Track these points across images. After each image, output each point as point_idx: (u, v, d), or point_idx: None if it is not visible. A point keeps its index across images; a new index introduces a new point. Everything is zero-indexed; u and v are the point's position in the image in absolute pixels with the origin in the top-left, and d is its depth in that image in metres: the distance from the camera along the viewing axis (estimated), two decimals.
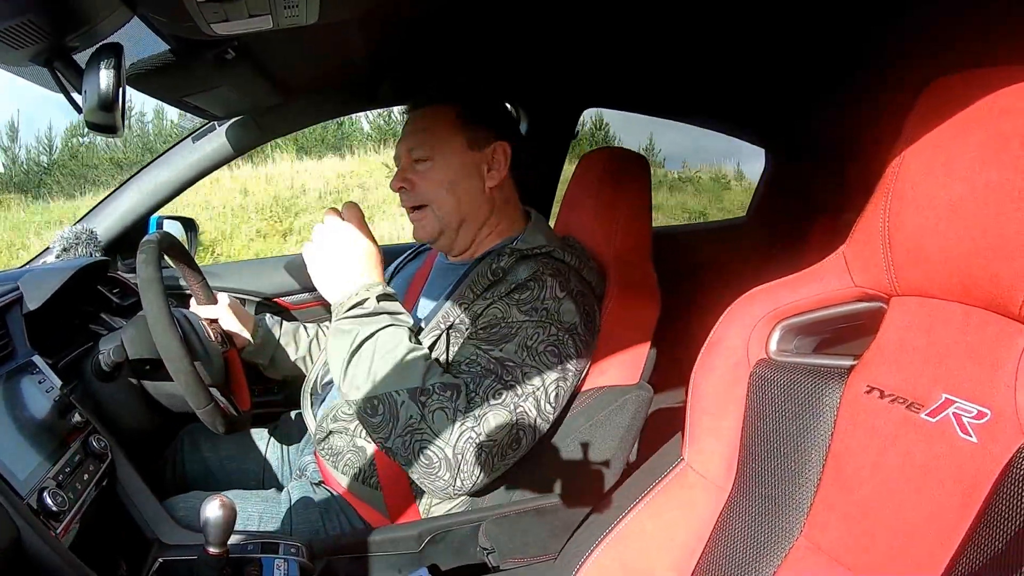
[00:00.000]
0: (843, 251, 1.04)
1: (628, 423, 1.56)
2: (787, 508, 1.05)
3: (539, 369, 1.33)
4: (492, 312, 1.37)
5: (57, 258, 1.97)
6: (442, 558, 1.43)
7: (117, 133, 1.00)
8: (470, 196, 1.53)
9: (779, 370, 1.10)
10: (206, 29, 1.09)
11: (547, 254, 1.47)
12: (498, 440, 1.28)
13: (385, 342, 1.30)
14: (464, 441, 1.25)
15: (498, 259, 1.44)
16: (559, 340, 1.36)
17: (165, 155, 2.15)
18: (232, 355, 1.73)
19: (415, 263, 1.82)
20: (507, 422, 1.29)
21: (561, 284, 1.39)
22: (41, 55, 0.99)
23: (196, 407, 1.35)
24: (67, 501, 1.14)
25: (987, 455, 0.81)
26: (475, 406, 1.27)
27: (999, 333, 0.83)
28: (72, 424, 1.31)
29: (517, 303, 1.36)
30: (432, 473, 1.26)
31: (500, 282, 1.41)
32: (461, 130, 1.51)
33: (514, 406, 1.30)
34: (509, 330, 1.34)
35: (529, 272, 1.39)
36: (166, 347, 1.30)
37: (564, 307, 1.38)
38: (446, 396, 1.26)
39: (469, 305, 1.41)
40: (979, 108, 0.83)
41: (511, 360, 1.32)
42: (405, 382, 1.27)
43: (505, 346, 1.33)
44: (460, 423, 1.25)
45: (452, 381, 1.29)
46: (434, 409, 1.25)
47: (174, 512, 1.40)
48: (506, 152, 1.54)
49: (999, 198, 0.79)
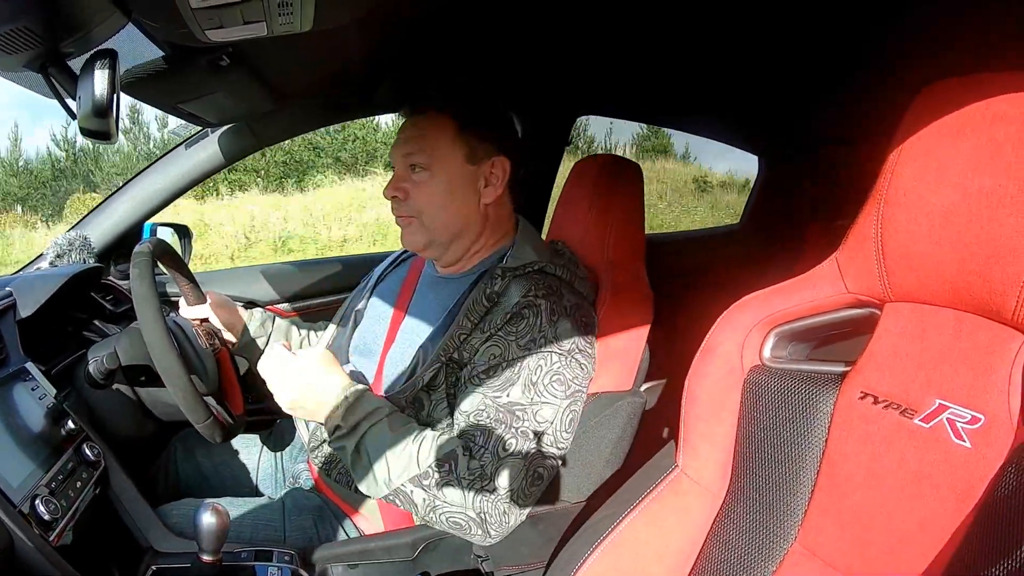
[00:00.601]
0: (836, 257, 1.04)
1: (621, 429, 1.56)
2: (782, 514, 1.05)
3: (549, 403, 1.33)
4: (491, 351, 1.36)
5: (51, 265, 1.97)
6: (436, 565, 1.43)
7: (111, 139, 1.00)
8: (464, 211, 1.49)
9: (773, 376, 1.10)
10: (200, 36, 1.09)
11: (539, 271, 1.45)
12: (515, 487, 1.29)
13: (373, 448, 1.31)
14: (480, 501, 1.27)
15: (491, 283, 1.41)
16: (563, 365, 1.36)
17: (158, 162, 2.15)
18: (223, 356, 1.73)
19: (401, 270, 1.79)
20: (520, 468, 1.29)
21: (554, 305, 1.38)
22: (35, 61, 0.99)
23: (196, 423, 1.34)
24: (60, 508, 1.14)
25: (981, 460, 0.81)
26: (485, 464, 1.28)
27: (992, 338, 0.84)
28: (65, 431, 1.31)
29: (516, 337, 1.35)
30: (466, 533, 1.30)
31: (495, 308, 1.39)
32: (461, 142, 1.47)
33: (527, 450, 1.30)
34: (512, 371, 1.33)
35: (521, 294, 1.38)
36: (166, 369, 1.29)
37: (560, 329, 1.37)
38: (445, 470, 1.28)
39: (467, 337, 1.39)
40: (972, 114, 0.83)
41: (519, 404, 1.31)
42: (405, 473, 1.29)
43: (511, 390, 1.32)
44: (470, 488, 1.27)
45: (447, 451, 1.29)
46: (441, 486, 1.27)
47: (166, 519, 1.40)
48: (505, 168, 1.50)
49: (992, 204, 0.79)
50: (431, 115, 1.49)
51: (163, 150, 6.48)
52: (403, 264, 1.82)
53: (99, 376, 1.45)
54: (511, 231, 1.59)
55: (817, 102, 2.47)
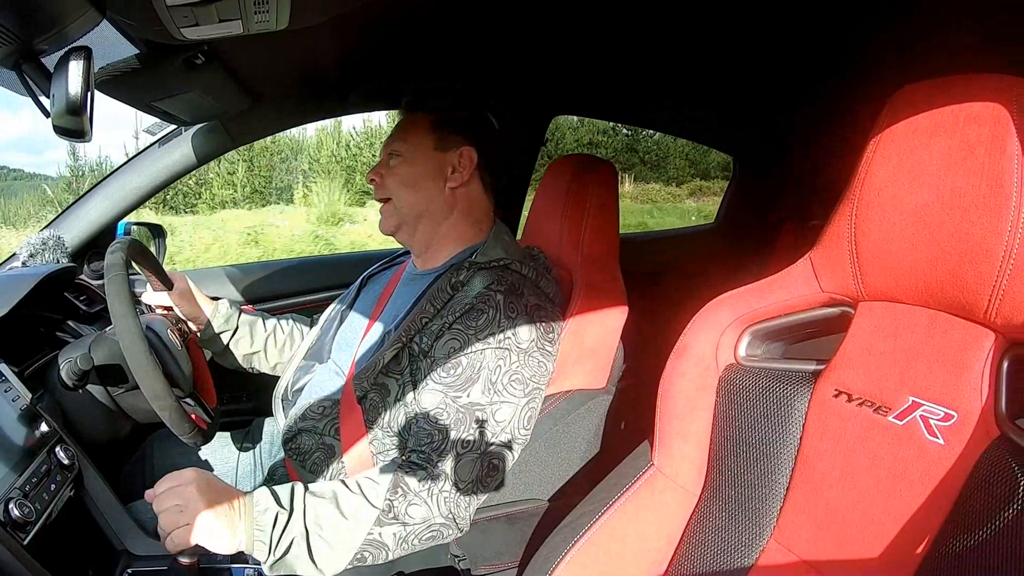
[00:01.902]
0: (810, 257, 1.05)
1: (595, 427, 1.57)
2: (757, 511, 1.06)
3: (508, 402, 1.36)
4: (451, 343, 1.38)
5: (23, 264, 1.95)
6: (413, 564, 1.43)
7: (85, 138, 0.99)
8: (430, 194, 1.56)
9: (748, 375, 1.11)
10: (176, 33, 1.08)
11: (504, 266, 1.49)
12: (474, 478, 1.31)
13: (317, 526, 1.23)
14: (444, 503, 1.29)
15: (457, 273, 1.46)
16: (522, 364, 1.38)
17: (133, 161, 2.13)
18: (192, 345, 1.72)
19: (388, 273, 1.83)
20: (477, 462, 1.32)
21: (514, 302, 1.41)
22: (9, 58, 0.98)
23: (180, 435, 1.33)
24: (34, 511, 1.13)
25: (954, 457, 0.82)
26: (440, 468, 1.29)
27: (965, 336, 0.85)
28: (39, 434, 1.30)
29: (475, 331, 1.38)
30: (443, 539, 1.32)
31: (456, 296, 1.44)
32: (433, 133, 1.56)
33: (485, 446, 1.33)
34: (472, 370, 1.35)
35: (483, 286, 1.41)
36: (152, 390, 1.27)
37: (519, 327, 1.39)
38: (400, 495, 1.27)
39: (429, 321, 1.43)
40: (945, 115, 0.84)
41: (479, 404, 1.34)
42: (365, 524, 1.25)
43: (471, 389, 1.34)
44: (430, 496, 1.28)
45: (392, 479, 1.28)
46: (405, 511, 1.27)
47: (138, 516, 1.39)
48: (472, 157, 1.57)
49: (964, 204, 0.80)
50: (415, 115, 1.60)
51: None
52: (392, 267, 1.85)
53: (72, 378, 1.43)
54: (484, 230, 1.63)
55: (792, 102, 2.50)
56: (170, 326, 1.56)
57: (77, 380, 1.43)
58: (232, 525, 1.18)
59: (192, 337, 1.76)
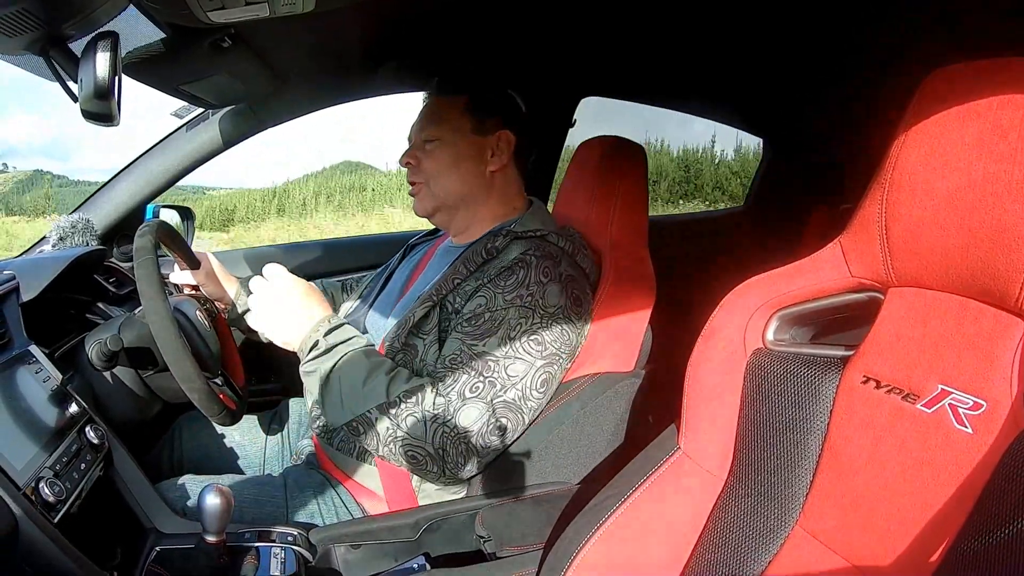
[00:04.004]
0: (840, 241, 1.04)
1: (622, 411, 1.57)
2: (783, 497, 1.06)
3: (523, 359, 1.37)
4: (479, 300, 1.41)
5: (53, 247, 1.97)
6: (439, 546, 1.44)
7: (113, 122, 1.00)
8: (471, 177, 1.60)
9: (776, 360, 1.10)
10: (202, 17, 1.08)
11: (541, 237, 1.50)
12: (477, 430, 1.33)
13: (346, 372, 1.38)
14: (440, 436, 1.32)
15: (493, 239, 1.49)
16: (543, 326, 1.39)
17: (160, 144, 2.14)
18: (221, 324, 1.73)
19: (426, 246, 1.87)
20: (484, 413, 1.33)
21: (548, 267, 1.43)
22: (36, 43, 0.98)
23: (210, 416, 1.35)
24: (64, 491, 1.14)
25: (983, 446, 0.81)
26: (449, 401, 1.33)
27: (995, 325, 0.83)
28: (69, 414, 1.31)
29: (503, 289, 1.40)
30: (422, 468, 1.36)
31: (491, 261, 1.46)
32: (469, 117, 1.58)
33: (492, 397, 1.34)
34: (492, 323, 1.38)
35: (519, 252, 1.44)
36: (183, 374, 1.28)
37: (549, 290, 1.41)
38: (412, 402, 1.34)
39: (461, 282, 1.46)
40: (978, 99, 0.82)
41: (492, 355, 1.36)
42: (373, 400, 1.35)
43: (488, 340, 1.37)
44: (433, 422, 1.32)
45: (416, 385, 1.35)
46: (404, 416, 1.33)
47: (165, 495, 1.41)
48: (509, 140, 1.60)
49: (997, 189, 0.79)
50: (446, 97, 1.62)
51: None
52: (432, 239, 1.89)
53: (101, 359, 1.45)
54: (520, 207, 1.66)
55: (822, 85, 2.46)
56: (198, 306, 1.57)
57: (106, 361, 1.45)
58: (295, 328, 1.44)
59: (220, 316, 1.77)
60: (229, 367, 1.68)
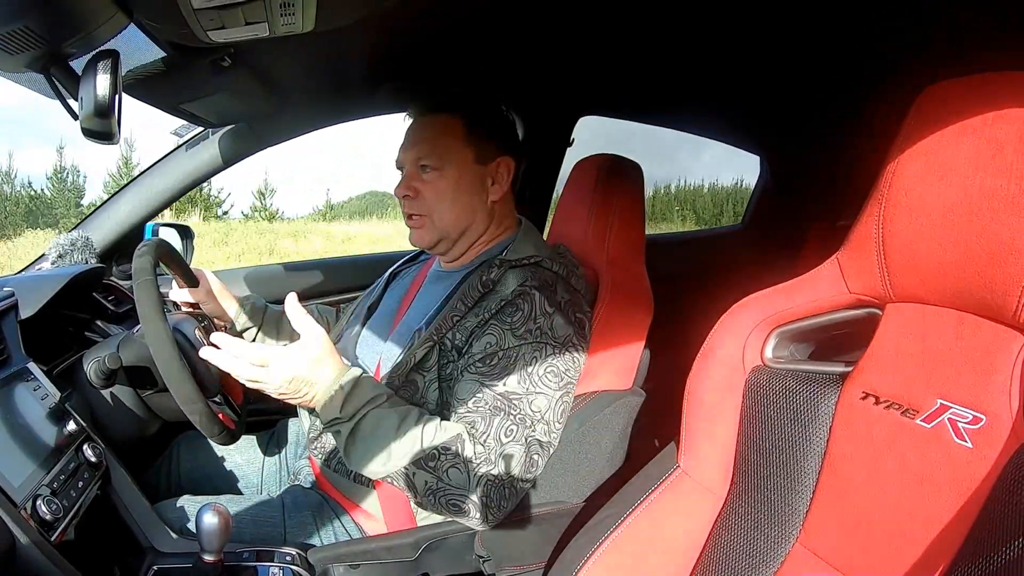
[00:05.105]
0: (838, 258, 1.04)
1: (621, 429, 1.56)
2: (784, 514, 1.05)
3: (544, 393, 1.36)
4: (487, 339, 1.39)
5: (52, 265, 1.97)
6: (438, 566, 1.43)
7: (113, 140, 1.00)
8: (472, 208, 1.55)
9: (774, 377, 1.10)
10: (202, 36, 1.09)
11: (535, 264, 1.49)
12: (516, 473, 1.32)
13: (372, 431, 1.31)
14: (484, 485, 1.29)
15: (488, 270, 1.46)
16: (557, 357, 1.38)
17: (160, 163, 2.15)
18: None
19: (413, 269, 1.84)
20: (521, 454, 1.32)
21: (549, 297, 1.41)
22: (38, 61, 0.99)
23: (209, 436, 1.34)
24: (61, 508, 1.14)
25: (983, 461, 0.81)
26: (489, 449, 1.30)
27: (993, 339, 0.84)
28: (67, 432, 1.31)
29: (511, 327, 1.38)
30: (465, 515, 1.32)
31: (490, 295, 1.43)
32: (470, 143, 1.53)
33: (525, 437, 1.33)
34: (508, 360, 1.36)
35: (517, 283, 1.41)
36: (183, 396, 1.28)
37: (555, 322, 1.40)
38: (452, 453, 1.29)
39: (461, 318, 1.43)
40: (973, 114, 0.83)
41: (515, 393, 1.34)
42: (408, 455, 1.29)
43: (507, 379, 1.35)
44: (475, 471, 1.29)
45: (454, 434, 1.31)
46: (446, 468, 1.29)
47: (163, 515, 1.40)
48: (509, 167, 1.57)
49: (993, 204, 0.79)
50: (440, 118, 1.55)
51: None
52: (417, 263, 1.86)
53: (99, 377, 1.44)
54: (512, 227, 1.64)
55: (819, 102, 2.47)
56: (197, 325, 1.57)
57: (104, 379, 1.45)
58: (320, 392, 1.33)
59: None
60: (228, 387, 1.68)
